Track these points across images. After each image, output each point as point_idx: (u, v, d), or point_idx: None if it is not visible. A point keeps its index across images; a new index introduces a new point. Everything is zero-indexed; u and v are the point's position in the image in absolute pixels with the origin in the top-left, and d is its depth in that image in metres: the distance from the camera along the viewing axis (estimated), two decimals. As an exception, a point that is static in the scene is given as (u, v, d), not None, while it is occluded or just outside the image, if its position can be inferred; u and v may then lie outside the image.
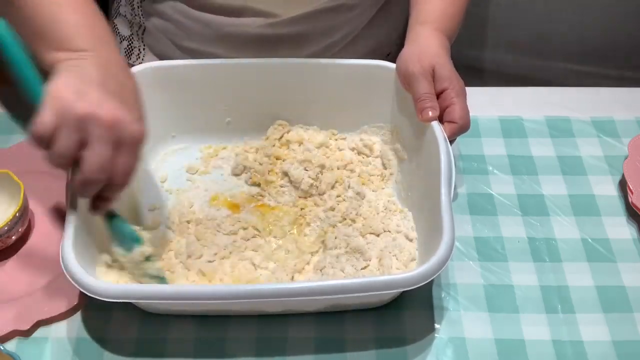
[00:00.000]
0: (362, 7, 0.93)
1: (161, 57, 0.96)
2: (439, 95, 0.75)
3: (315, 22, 0.90)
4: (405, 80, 0.76)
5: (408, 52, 0.77)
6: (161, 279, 0.69)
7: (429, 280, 0.61)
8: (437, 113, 0.73)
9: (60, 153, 0.58)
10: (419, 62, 0.75)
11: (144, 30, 0.95)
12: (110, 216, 0.67)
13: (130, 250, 0.68)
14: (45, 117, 0.58)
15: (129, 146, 0.61)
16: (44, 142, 0.58)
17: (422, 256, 0.72)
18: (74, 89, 0.59)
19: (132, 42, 0.97)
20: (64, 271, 0.62)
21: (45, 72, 0.62)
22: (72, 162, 0.59)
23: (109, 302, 0.61)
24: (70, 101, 0.58)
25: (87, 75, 0.61)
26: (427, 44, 0.77)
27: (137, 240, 0.68)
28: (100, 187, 0.61)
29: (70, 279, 0.61)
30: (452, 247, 0.63)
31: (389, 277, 0.62)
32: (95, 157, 0.59)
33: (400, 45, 1.02)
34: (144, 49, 0.97)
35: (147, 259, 0.69)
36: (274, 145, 0.85)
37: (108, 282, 0.66)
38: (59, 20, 0.64)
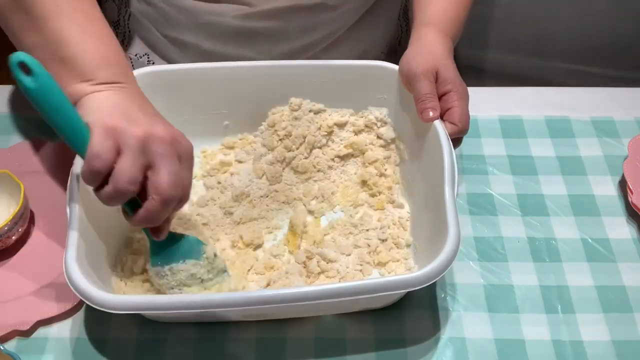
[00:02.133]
0: (344, 8, 0.92)
1: (146, 43, 0.96)
2: (441, 97, 0.75)
3: (292, 18, 0.90)
4: (408, 80, 0.76)
5: (412, 52, 0.77)
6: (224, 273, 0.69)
7: (436, 279, 0.61)
8: (438, 113, 0.73)
9: (128, 180, 0.57)
10: (422, 62, 0.75)
11: (129, 15, 0.95)
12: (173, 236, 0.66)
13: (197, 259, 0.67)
14: (102, 150, 0.56)
15: (186, 160, 0.61)
16: (102, 177, 0.57)
17: (427, 256, 0.71)
18: (120, 117, 0.58)
19: (117, 28, 0.97)
20: (68, 284, 0.60)
21: None
22: (138, 190, 0.58)
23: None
24: (124, 128, 0.57)
25: (124, 103, 0.60)
26: (431, 45, 0.77)
27: (199, 254, 0.67)
28: (175, 205, 0.60)
29: (77, 293, 0.60)
30: (458, 245, 0.63)
31: (395, 278, 0.61)
32: (168, 175, 0.58)
33: (388, 54, 1.02)
34: (128, 34, 0.97)
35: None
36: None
37: (112, 294, 0.65)
38: (86, 50, 0.62)
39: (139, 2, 0.93)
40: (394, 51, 1.05)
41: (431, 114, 0.72)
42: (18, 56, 0.53)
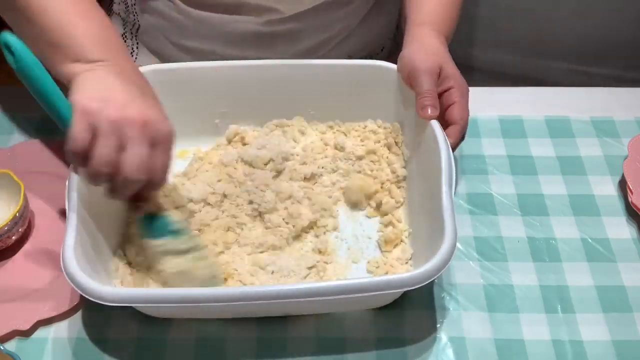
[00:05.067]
0: (357, 3, 0.93)
1: (157, 55, 0.96)
2: (443, 93, 0.75)
3: (312, 18, 0.91)
4: (410, 76, 0.76)
5: (412, 50, 0.77)
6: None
7: (431, 279, 0.61)
8: (437, 112, 0.73)
9: (102, 162, 0.59)
10: (425, 60, 0.75)
11: (138, 28, 0.95)
12: (150, 215, 0.68)
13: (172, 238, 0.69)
14: (78, 132, 0.59)
15: (163, 144, 0.63)
16: (82, 158, 0.60)
17: (424, 255, 0.71)
18: (98, 98, 0.60)
19: (124, 41, 0.97)
20: (65, 275, 0.61)
21: (61, 84, 0.62)
22: (114, 170, 0.60)
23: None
24: (99, 110, 0.59)
25: (107, 82, 0.62)
26: (432, 44, 0.78)
27: (177, 233, 0.69)
28: (140, 186, 0.63)
29: (71, 283, 0.61)
30: (454, 246, 0.63)
31: (391, 277, 0.61)
32: (134, 157, 0.60)
33: (394, 40, 1.02)
34: (137, 47, 0.97)
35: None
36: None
37: (108, 286, 0.66)
38: (73, 33, 0.65)
39: (150, 14, 0.93)
40: (399, 39, 1.06)
41: (429, 111, 0.73)
42: (3, 37, 0.56)
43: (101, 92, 0.61)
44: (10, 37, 0.56)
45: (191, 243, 0.70)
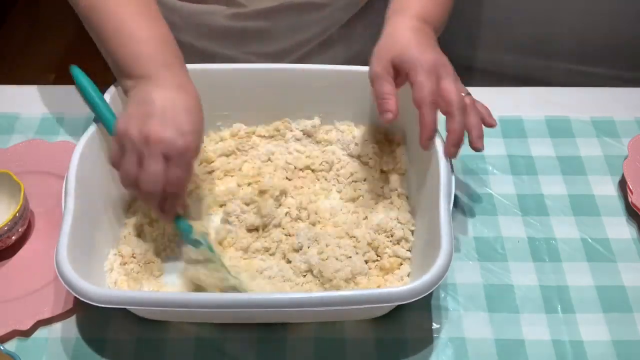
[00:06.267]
0: (334, 7, 0.92)
1: None
2: (405, 78, 0.71)
3: (282, 17, 0.90)
4: (370, 80, 0.73)
5: (377, 48, 0.74)
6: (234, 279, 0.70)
7: (426, 294, 0.61)
8: (394, 115, 0.69)
9: (124, 177, 0.68)
10: (378, 59, 0.72)
11: None
12: (177, 219, 0.72)
13: (196, 248, 0.71)
14: (113, 151, 0.69)
15: (177, 159, 0.66)
16: (116, 166, 0.69)
17: (421, 265, 0.71)
18: (129, 117, 0.68)
19: None
20: (58, 276, 0.61)
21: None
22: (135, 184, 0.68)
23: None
24: (126, 130, 0.67)
25: (141, 101, 0.69)
26: (397, 34, 0.73)
27: (198, 242, 0.71)
28: (158, 197, 0.68)
29: (64, 284, 0.61)
30: (450, 261, 0.62)
31: (385, 291, 0.61)
32: (147, 172, 0.66)
33: None
34: None
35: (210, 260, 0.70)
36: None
37: (101, 287, 0.66)
38: (131, 54, 0.72)
39: None
40: None
41: (389, 116, 0.69)
42: (72, 68, 0.75)
43: (133, 112, 0.68)
44: (75, 70, 0.74)
45: (207, 255, 0.70)
